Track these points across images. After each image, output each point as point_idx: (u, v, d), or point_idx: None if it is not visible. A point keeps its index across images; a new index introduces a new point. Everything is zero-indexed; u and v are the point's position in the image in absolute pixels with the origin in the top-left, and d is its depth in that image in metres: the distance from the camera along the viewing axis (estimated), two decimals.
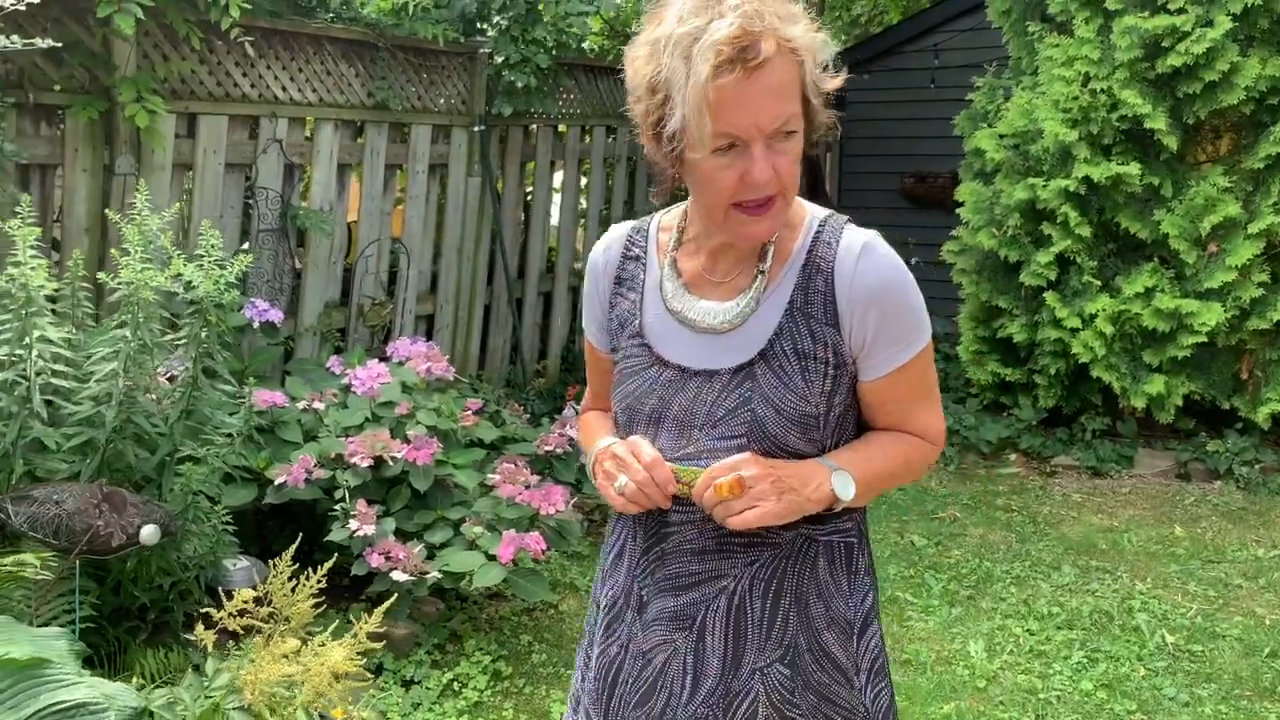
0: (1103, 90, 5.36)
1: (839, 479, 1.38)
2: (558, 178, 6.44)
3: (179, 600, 3.10)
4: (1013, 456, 5.71)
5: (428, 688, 3.22)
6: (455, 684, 3.25)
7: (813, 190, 5.16)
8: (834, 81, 1.39)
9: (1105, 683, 3.35)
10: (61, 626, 2.52)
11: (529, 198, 6.29)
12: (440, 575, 3.33)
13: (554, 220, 6.48)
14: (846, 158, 8.87)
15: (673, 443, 1.44)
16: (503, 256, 5.79)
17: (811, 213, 1.48)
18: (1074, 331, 5.45)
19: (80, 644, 2.23)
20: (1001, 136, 5.81)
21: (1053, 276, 5.54)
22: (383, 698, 3.10)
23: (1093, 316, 5.38)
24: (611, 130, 6.57)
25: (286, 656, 1.99)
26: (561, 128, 6.25)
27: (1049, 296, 5.52)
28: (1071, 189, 5.39)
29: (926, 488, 5.31)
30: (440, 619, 3.59)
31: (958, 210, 6.06)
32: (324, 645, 2.01)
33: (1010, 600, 3.97)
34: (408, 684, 3.24)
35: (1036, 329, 5.64)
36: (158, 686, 2.35)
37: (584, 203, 6.69)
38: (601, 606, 1.58)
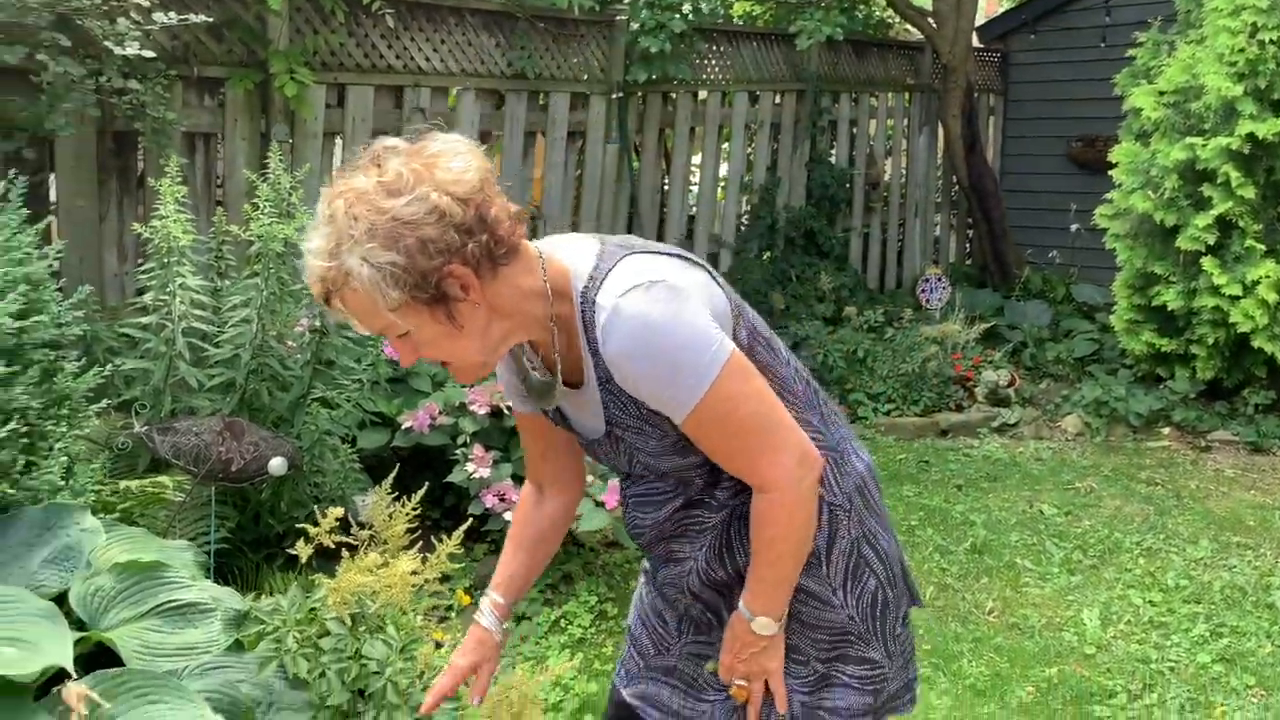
0: (1272, 41, 5.01)
1: (757, 625, 1.53)
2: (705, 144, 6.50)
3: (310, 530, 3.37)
4: (1165, 430, 5.44)
5: (537, 623, 3.39)
6: (563, 621, 3.41)
7: (970, 152, 5.04)
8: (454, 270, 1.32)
9: (1226, 657, 3.20)
10: (200, 546, 2.80)
11: (668, 165, 6.38)
12: None
13: (693, 188, 6.56)
14: (1010, 120, 8.56)
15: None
16: (640, 223, 5.92)
17: (576, 277, 1.42)
18: (1234, 300, 5.14)
19: (202, 556, 2.49)
20: (1160, 94, 5.51)
21: (1212, 241, 5.23)
22: None
23: (1255, 284, 5.06)
24: (754, 97, 6.59)
25: (371, 570, 2.17)
26: (701, 94, 6.30)
27: (1207, 262, 5.22)
28: (1234, 147, 5.07)
29: (1066, 459, 5.14)
30: (555, 562, 3.76)
31: (1111, 172, 5.80)
32: (398, 558, 2.18)
33: (1136, 571, 3.83)
34: (518, 618, 3.42)
35: (1194, 296, 5.34)
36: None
37: (724, 170, 6.73)
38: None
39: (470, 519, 3.68)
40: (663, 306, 1.34)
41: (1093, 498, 4.61)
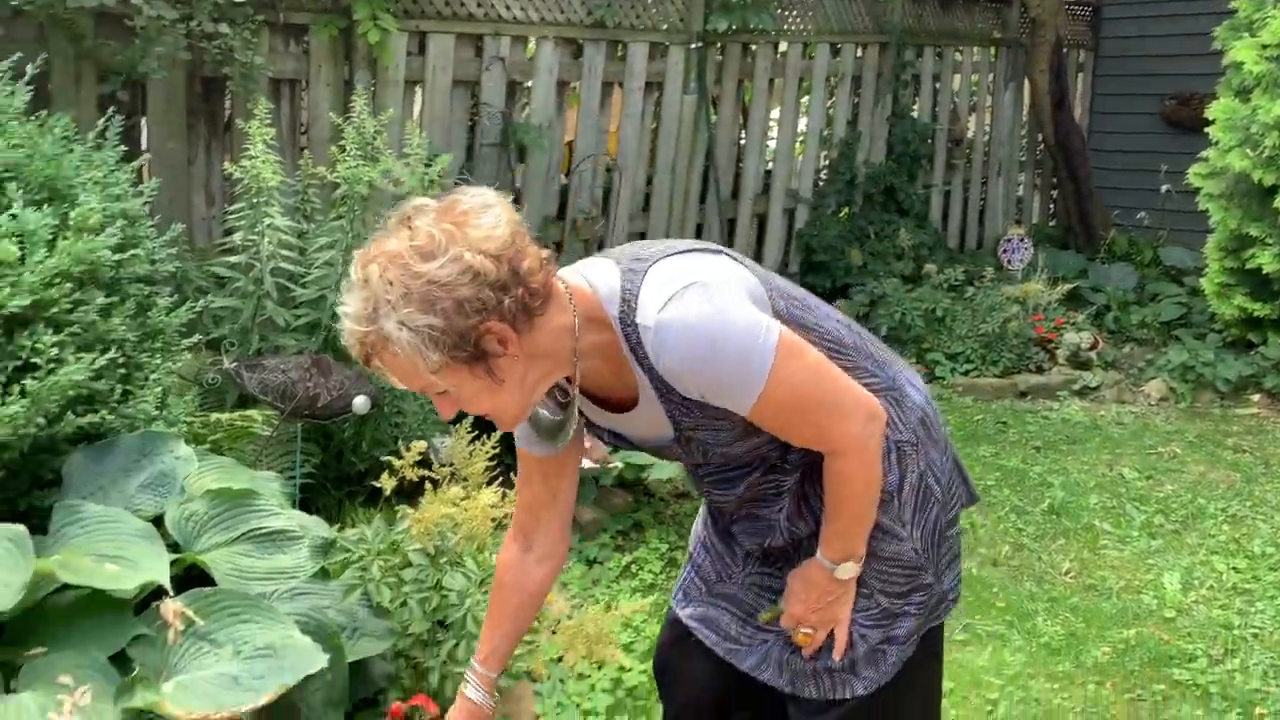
0: None
1: (841, 571, 1.56)
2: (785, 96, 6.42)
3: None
4: (1254, 397, 5.28)
5: (608, 567, 3.43)
6: (633, 566, 3.44)
7: (1058, 109, 4.94)
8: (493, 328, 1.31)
9: None
10: (286, 479, 2.88)
11: (745, 118, 6.31)
12: (623, 466, 3.53)
13: (771, 142, 6.48)
14: (1100, 78, 8.29)
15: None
16: (715, 176, 5.87)
17: (607, 303, 1.41)
18: None
19: (289, 488, 2.56)
20: (1264, 47, 5.29)
21: None
22: (564, 570, 3.34)
23: None
24: (836, 49, 6.47)
25: (453, 503, 2.22)
26: (782, 45, 6.21)
27: None
28: None
29: (1149, 424, 5.02)
30: (626, 509, 3.80)
31: (1207, 130, 5.59)
32: (479, 492, 2.23)
33: (1220, 538, 3.74)
34: (590, 563, 3.47)
35: None
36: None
37: (803, 124, 6.64)
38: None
39: None
40: (703, 309, 1.35)
41: (1176, 463, 4.50)
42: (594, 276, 1.43)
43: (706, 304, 1.35)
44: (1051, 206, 8.37)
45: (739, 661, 1.71)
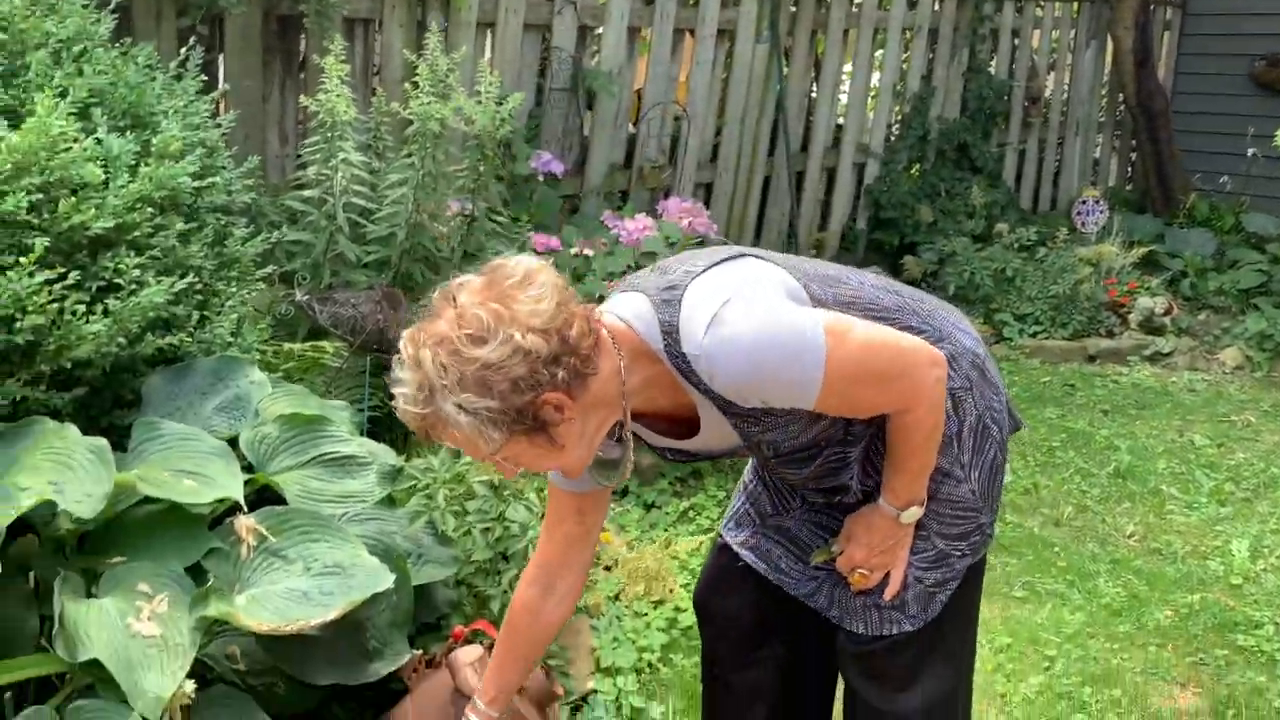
0: None
1: (905, 516, 1.58)
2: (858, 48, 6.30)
3: None
4: None
5: (665, 512, 3.45)
6: (690, 512, 3.46)
7: (1141, 68, 4.80)
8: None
9: None
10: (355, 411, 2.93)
11: (817, 70, 6.21)
12: None
13: (843, 95, 6.38)
14: (1186, 36, 8.00)
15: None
16: (785, 128, 5.80)
17: (649, 339, 1.42)
18: None
19: (359, 418, 2.60)
20: None
21: None
22: (623, 513, 3.37)
23: None
24: (912, 1, 6.33)
25: None
26: None
27: None
28: None
29: (1222, 391, 4.90)
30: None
31: None
32: None
33: None
34: (648, 507, 3.49)
35: None
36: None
37: (877, 77, 6.52)
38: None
39: None
40: (745, 324, 1.35)
41: (1249, 431, 4.40)
42: (629, 315, 1.43)
43: (747, 318, 1.35)
44: (1129, 169, 8.14)
45: (789, 588, 1.75)
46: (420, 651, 2.11)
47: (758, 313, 1.36)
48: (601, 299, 3.91)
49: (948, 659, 1.68)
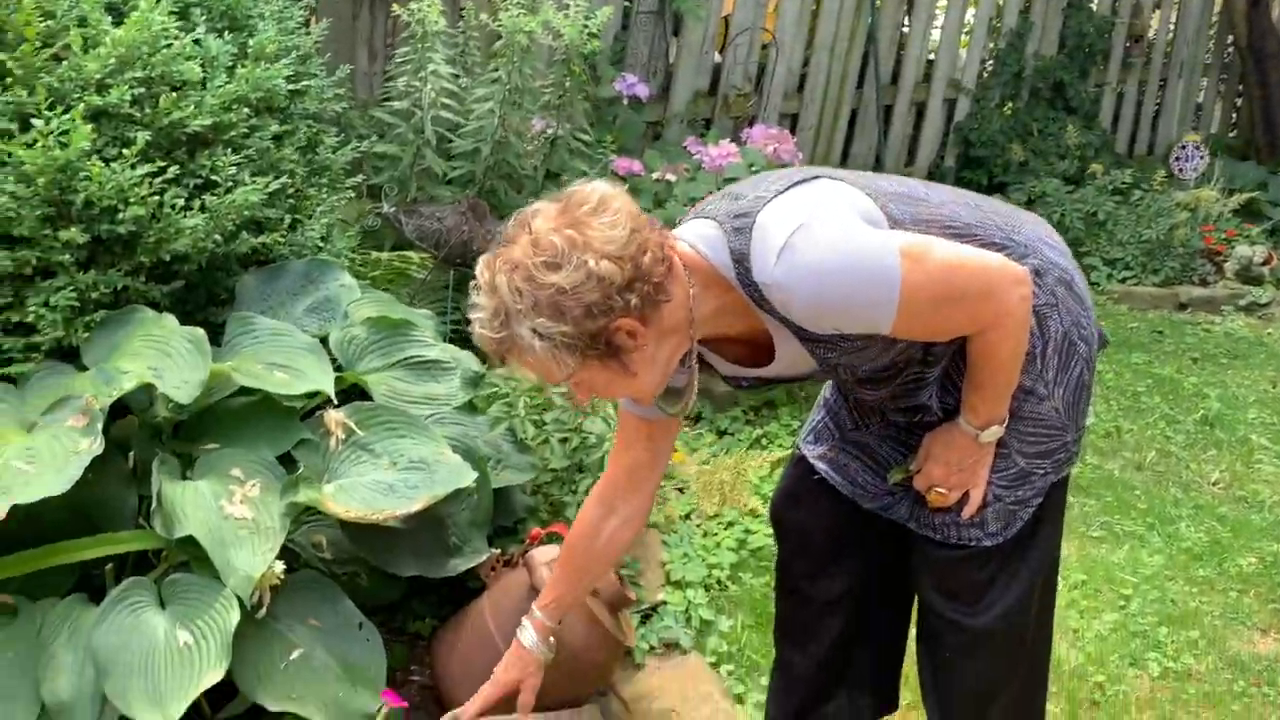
0: None
1: (986, 436, 1.54)
2: None
3: None
4: None
5: (738, 439, 3.45)
6: (763, 439, 3.46)
7: (1253, 8, 4.55)
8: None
9: None
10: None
11: (910, 2, 6.03)
12: None
13: (936, 29, 6.19)
14: None
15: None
16: (875, 60, 5.66)
17: (722, 267, 1.39)
18: None
19: (444, 328, 2.64)
20: None
21: None
22: (696, 437, 3.39)
23: None
24: None
25: None
26: None
27: None
28: None
29: None
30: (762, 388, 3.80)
31: None
32: None
33: None
34: (721, 433, 3.50)
35: None
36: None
37: (971, 12, 6.31)
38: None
39: None
40: (817, 250, 1.33)
41: None
42: (700, 243, 1.41)
43: (819, 244, 1.33)
44: (1234, 114, 7.81)
45: (865, 502, 1.73)
46: (498, 551, 2.16)
47: (830, 238, 1.34)
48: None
49: (1028, 577, 1.65)
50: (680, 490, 2.97)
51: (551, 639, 1.77)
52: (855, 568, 1.83)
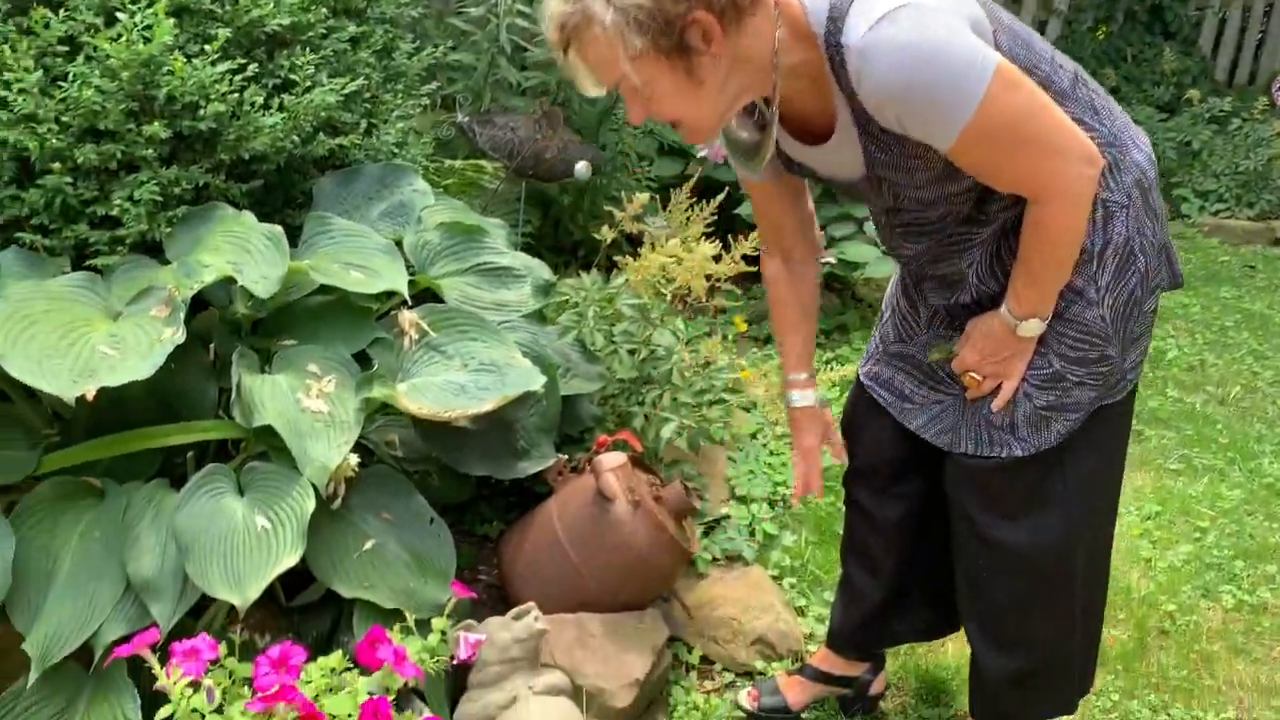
0: None
1: (1024, 328, 1.49)
2: None
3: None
4: None
5: None
6: (835, 362, 3.43)
7: None
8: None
9: None
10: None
11: None
12: (835, 262, 3.48)
13: None
14: None
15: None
16: None
17: (814, 20, 1.32)
18: None
19: (515, 235, 2.64)
20: None
21: None
22: (765, 358, 3.36)
23: None
24: None
25: (672, 254, 2.24)
26: None
27: None
28: None
29: None
30: (834, 311, 3.76)
31: None
32: (699, 245, 2.24)
33: None
34: None
35: None
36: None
37: None
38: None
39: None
40: (914, 33, 1.25)
41: None
42: None
43: (920, 28, 1.25)
44: None
45: (909, 420, 1.70)
46: (564, 457, 2.18)
47: (932, 25, 1.25)
48: None
49: (1065, 502, 1.60)
50: (747, 410, 2.97)
51: (816, 387, 1.80)
52: (916, 490, 1.83)
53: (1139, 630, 2.27)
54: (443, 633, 1.65)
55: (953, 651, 2.19)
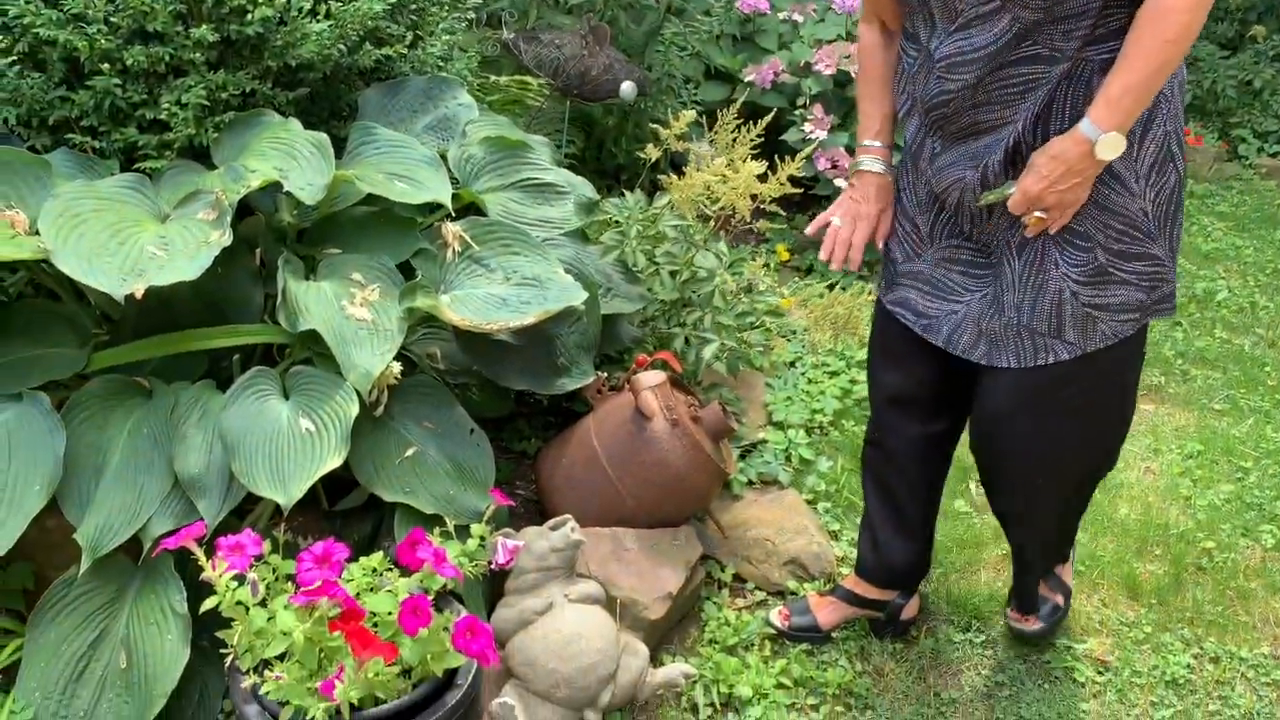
0: None
1: (1105, 143, 1.41)
2: None
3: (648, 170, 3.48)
4: None
5: (850, 293, 3.40)
6: (873, 293, 3.40)
7: None
8: None
9: None
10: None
11: None
12: None
13: None
14: None
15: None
16: None
17: None
18: None
19: (558, 152, 2.62)
20: None
21: None
22: (804, 284, 3.34)
23: None
24: None
25: (719, 174, 2.22)
26: None
27: None
28: None
29: None
30: None
31: None
32: (745, 165, 2.21)
33: None
34: (831, 286, 3.44)
35: None
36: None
37: None
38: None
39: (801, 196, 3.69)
40: None
41: None
42: None
43: None
44: None
45: (934, 336, 1.69)
46: (604, 375, 2.18)
47: None
48: (806, 66, 3.70)
49: (1105, 408, 1.63)
50: (786, 338, 2.95)
51: (891, 161, 1.75)
52: (951, 416, 1.85)
53: (1175, 566, 2.26)
54: (481, 538, 1.68)
55: (984, 579, 2.20)
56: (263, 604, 1.50)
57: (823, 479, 2.43)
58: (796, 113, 3.59)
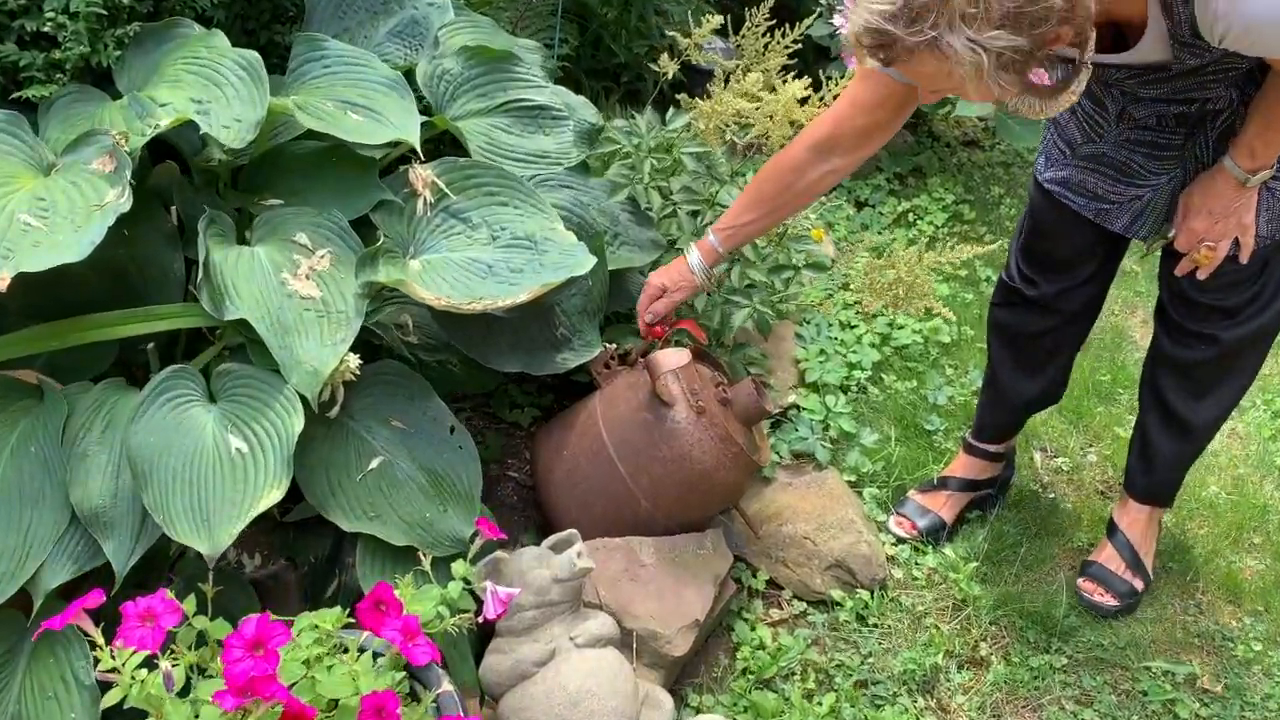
0: None
1: (1255, 181, 1.43)
2: None
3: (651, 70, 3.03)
4: None
5: (881, 212, 3.00)
6: (910, 215, 3.00)
7: None
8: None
9: None
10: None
11: None
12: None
13: None
14: None
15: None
16: None
17: None
18: None
19: (551, 63, 2.18)
20: None
21: None
22: (834, 209, 2.94)
23: None
24: None
25: (747, 94, 1.80)
26: None
27: None
28: None
29: None
30: (908, 151, 3.29)
31: None
32: (784, 86, 1.79)
33: None
34: (860, 205, 3.04)
35: None
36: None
37: None
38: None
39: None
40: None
41: None
42: None
43: None
44: None
45: (1110, 222, 1.61)
46: (613, 346, 1.81)
47: None
48: None
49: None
50: (844, 288, 2.56)
51: (715, 270, 1.72)
52: (1100, 284, 1.79)
53: (1279, 560, 1.94)
54: (465, 580, 1.33)
55: (1061, 582, 1.87)
56: (184, 692, 1.16)
57: (867, 455, 2.08)
58: (821, 4, 3.12)
